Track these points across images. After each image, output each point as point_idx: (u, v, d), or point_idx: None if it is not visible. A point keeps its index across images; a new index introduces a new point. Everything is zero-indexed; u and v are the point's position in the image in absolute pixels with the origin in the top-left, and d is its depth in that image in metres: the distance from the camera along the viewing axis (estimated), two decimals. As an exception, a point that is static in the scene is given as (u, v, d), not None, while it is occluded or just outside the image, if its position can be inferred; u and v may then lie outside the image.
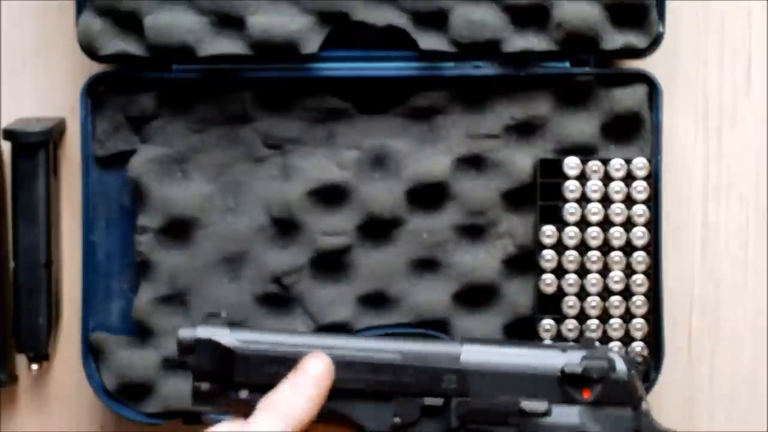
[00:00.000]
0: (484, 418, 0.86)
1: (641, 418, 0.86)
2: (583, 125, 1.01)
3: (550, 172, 0.99)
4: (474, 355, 0.86)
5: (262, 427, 0.81)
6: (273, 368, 0.85)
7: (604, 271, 0.99)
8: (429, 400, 0.86)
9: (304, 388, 0.83)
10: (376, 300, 1.01)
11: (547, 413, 0.85)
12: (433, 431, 0.86)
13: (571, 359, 0.86)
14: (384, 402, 0.86)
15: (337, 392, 0.85)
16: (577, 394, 0.86)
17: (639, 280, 0.99)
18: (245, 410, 0.84)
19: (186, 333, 0.85)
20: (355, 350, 0.86)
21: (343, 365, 0.85)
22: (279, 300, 1.01)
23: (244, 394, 0.85)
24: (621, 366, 0.86)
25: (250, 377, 0.85)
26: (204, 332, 0.85)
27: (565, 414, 0.86)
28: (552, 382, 0.86)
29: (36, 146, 1.00)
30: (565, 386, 0.86)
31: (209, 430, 0.82)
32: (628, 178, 0.99)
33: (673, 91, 1.04)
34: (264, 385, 0.84)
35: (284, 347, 0.85)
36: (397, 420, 0.85)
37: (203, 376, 0.85)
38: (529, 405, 0.85)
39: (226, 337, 0.85)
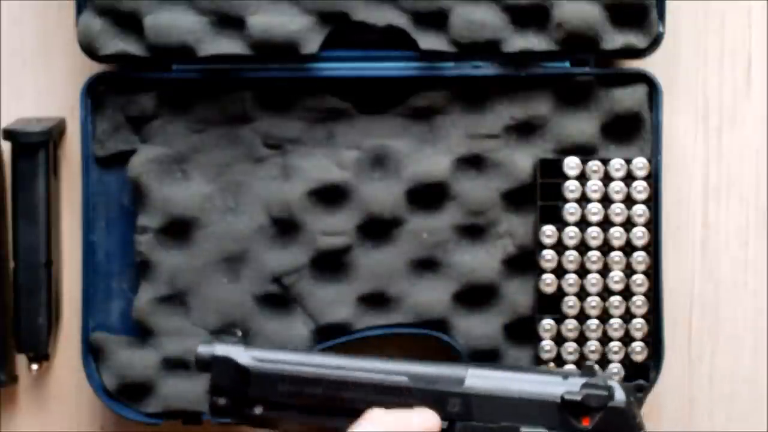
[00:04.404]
0: None
1: None
2: (583, 125, 1.01)
3: (550, 172, 0.99)
4: (478, 379, 0.87)
5: None
6: (286, 387, 0.87)
7: (604, 271, 0.99)
8: None
9: None
10: (376, 300, 1.01)
11: None
12: None
13: (571, 387, 0.87)
14: None
15: (344, 411, 0.86)
16: (577, 422, 0.86)
17: (639, 280, 0.99)
18: (260, 424, 0.87)
19: (204, 350, 0.88)
20: (363, 371, 0.86)
21: (351, 385, 0.86)
22: (279, 300, 1.01)
23: (258, 410, 0.87)
24: (620, 395, 0.87)
25: (265, 394, 0.87)
26: (221, 350, 0.88)
27: None
28: (552, 409, 0.86)
29: (36, 146, 1.00)
30: (565, 414, 0.86)
31: None
32: (628, 178, 0.99)
33: (673, 91, 1.04)
34: (277, 403, 0.86)
35: (297, 366, 0.87)
36: None
37: (220, 391, 0.87)
38: (529, 431, 0.85)
39: (242, 355, 0.87)
